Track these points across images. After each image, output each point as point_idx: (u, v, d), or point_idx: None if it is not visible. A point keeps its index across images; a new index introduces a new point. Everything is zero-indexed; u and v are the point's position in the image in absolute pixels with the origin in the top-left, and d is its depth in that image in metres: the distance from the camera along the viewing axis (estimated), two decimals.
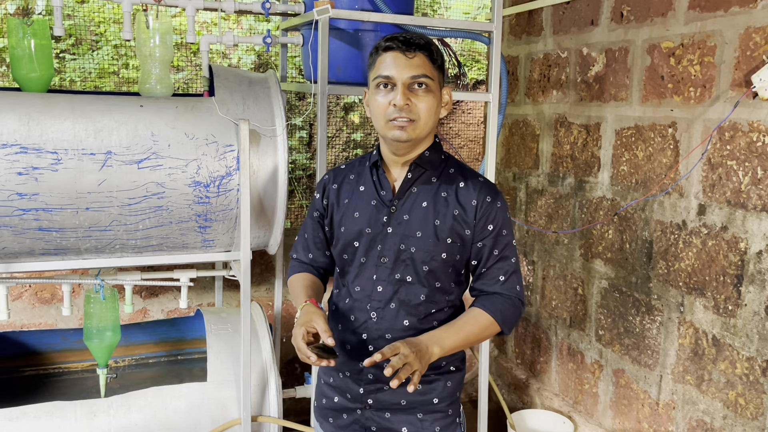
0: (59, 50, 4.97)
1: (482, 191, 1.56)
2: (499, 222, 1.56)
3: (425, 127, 1.52)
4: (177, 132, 2.19)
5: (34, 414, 2.21)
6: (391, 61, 1.49)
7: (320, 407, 1.70)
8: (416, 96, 1.49)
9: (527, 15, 3.55)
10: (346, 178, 1.66)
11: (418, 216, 1.54)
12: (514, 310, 1.57)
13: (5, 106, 2.05)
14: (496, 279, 1.57)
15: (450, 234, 1.54)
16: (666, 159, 2.66)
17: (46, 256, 2.21)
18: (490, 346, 4.05)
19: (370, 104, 1.55)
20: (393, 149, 1.56)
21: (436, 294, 1.56)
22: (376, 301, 1.56)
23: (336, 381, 1.64)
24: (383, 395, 1.58)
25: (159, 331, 2.92)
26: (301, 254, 1.74)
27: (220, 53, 5.48)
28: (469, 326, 1.52)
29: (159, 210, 2.19)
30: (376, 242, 1.56)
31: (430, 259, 1.54)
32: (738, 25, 2.33)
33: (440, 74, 1.55)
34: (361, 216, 1.59)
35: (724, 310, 2.43)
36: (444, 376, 1.61)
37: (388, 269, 1.55)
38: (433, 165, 1.58)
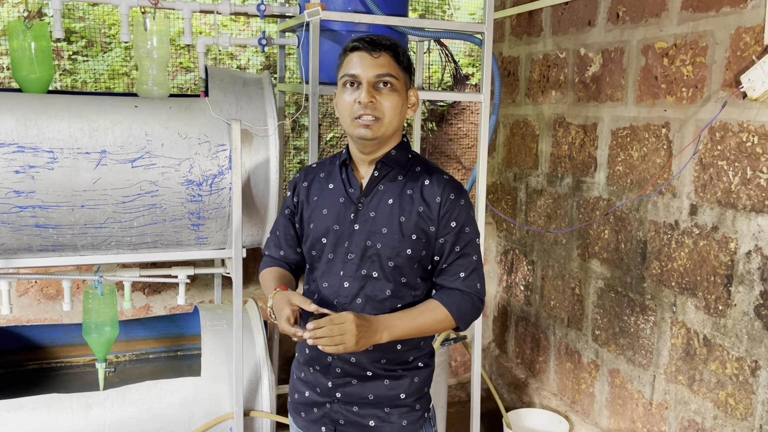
0: (71, 52, 5.08)
1: (446, 188, 1.58)
2: (461, 219, 1.59)
3: (390, 125, 1.55)
4: (170, 132, 2.24)
5: (32, 405, 2.27)
6: (357, 60, 1.53)
7: (293, 402, 1.74)
8: (381, 94, 1.53)
9: (528, 16, 3.56)
10: (317, 176, 1.70)
11: (384, 213, 1.58)
12: (471, 306, 1.60)
13: (4, 106, 2.12)
14: (457, 275, 1.60)
15: (415, 230, 1.57)
16: (660, 159, 2.67)
17: (44, 252, 2.27)
18: (492, 346, 4.07)
19: (338, 102, 1.59)
20: (360, 148, 1.60)
21: (401, 289, 1.59)
22: (343, 296, 1.59)
23: (307, 376, 1.68)
24: (351, 389, 1.61)
25: (159, 327, 2.98)
26: (273, 251, 1.78)
27: (228, 55, 5.55)
28: (423, 317, 1.55)
29: (153, 208, 2.25)
30: (343, 239, 1.60)
31: (396, 255, 1.57)
32: (729, 25, 2.32)
33: (406, 75, 1.59)
34: (329, 213, 1.63)
35: (715, 310, 2.43)
36: (411, 372, 1.63)
37: (354, 265, 1.58)
38: (399, 163, 1.61)
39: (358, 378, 1.61)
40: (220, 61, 5.57)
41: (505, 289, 3.93)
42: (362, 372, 1.61)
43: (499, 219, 3.95)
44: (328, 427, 1.64)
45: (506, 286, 3.91)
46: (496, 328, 4.06)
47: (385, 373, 1.61)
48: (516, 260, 3.80)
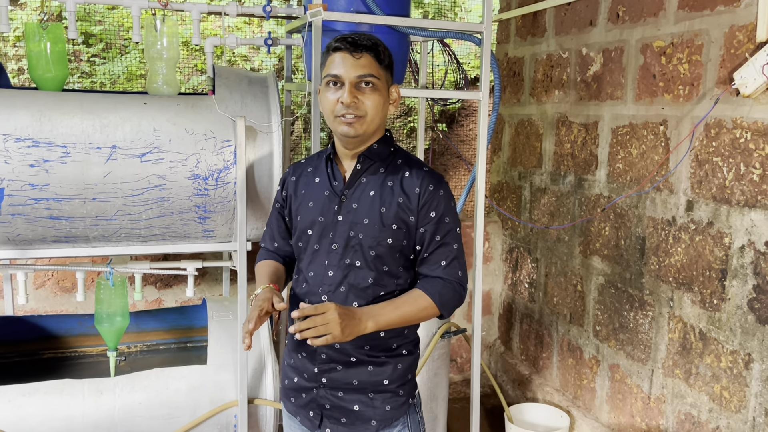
0: (90, 54, 5.23)
1: (425, 180, 1.64)
2: (441, 209, 1.64)
3: (372, 123, 1.62)
4: (178, 128, 2.33)
5: (45, 390, 2.37)
6: (339, 60, 1.59)
7: (283, 388, 1.81)
8: (363, 94, 1.59)
9: (532, 16, 3.61)
10: (304, 171, 1.78)
11: (366, 204, 1.64)
12: (453, 294, 1.65)
13: (20, 103, 2.23)
14: (438, 264, 1.65)
15: (395, 220, 1.63)
16: (658, 156, 2.71)
17: (58, 243, 2.37)
18: (497, 343, 4.12)
19: (321, 101, 1.65)
20: (343, 144, 1.67)
21: (383, 278, 1.65)
22: (327, 285, 1.65)
23: (295, 362, 1.74)
24: (336, 375, 1.67)
25: (169, 319, 3.07)
26: (268, 243, 1.86)
27: (242, 57, 5.67)
28: (407, 306, 1.60)
29: (161, 201, 2.34)
30: (328, 230, 1.67)
31: (377, 244, 1.63)
32: (723, 23, 2.37)
33: (387, 73, 1.65)
34: (315, 205, 1.70)
35: (710, 304, 2.46)
36: (395, 359, 1.69)
37: (338, 255, 1.65)
38: (381, 157, 1.68)
39: (343, 364, 1.67)
40: (234, 63, 5.69)
41: (510, 287, 3.97)
42: (346, 358, 1.66)
43: (505, 217, 4.00)
44: (315, 411, 1.70)
45: (511, 283, 3.96)
46: (501, 325, 4.11)
47: (368, 359, 1.67)
48: (521, 258, 3.84)
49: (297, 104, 4.69)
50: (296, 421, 1.76)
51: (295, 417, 1.76)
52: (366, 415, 1.67)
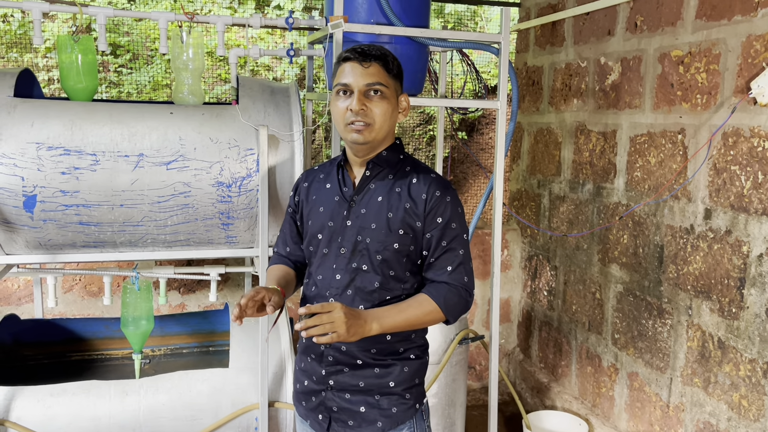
0: (117, 65, 5.36)
1: (432, 186, 1.68)
2: (447, 215, 1.67)
3: (380, 130, 1.66)
4: (203, 137, 2.40)
5: (73, 391, 2.44)
6: (349, 70, 1.64)
7: (295, 392, 1.84)
8: (371, 102, 1.64)
9: (551, 26, 3.64)
10: (316, 177, 1.83)
11: (374, 209, 1.68)
12: (459, 299, 1.67)
13: (53, 113, 2.31)
14: (444, 269, 1.67)
15: (402, 225, 1.66)
16: (676, 165, 2.72)
17: (86, 248, 2.45)
18: (516, 351, 4.13)
19: (332, 109, 1.70)
20: (353, 151, 1.72)
21: (390, 282, 1.68)
22: (335, 288, 1.69)
23: (305, 365, 1.78)
24: (343, 377, 1.70)
25: (192, 323, 3.14)
26: (280, 248, 1.91)
27: (265, 67, 5.76)
28: (412, 309, 1.63)
29: (185, 207, 2.41)
30: (336, 234, 1.71)
31: (383, 248, 1.66)
32: (740, 33, 2.38)
33: (396, 82, 1.70)
34: (325, 210, 1.74)
35: (728, 312, 2.46)
36: (401, 362, 1.71)
37: (346, 259, 1.69)
38: (389, 164, 1.72)
39: (350, 366, 1.70)
40: (257, 73, 5.79)
41: (529, 295, 3.99)
42: (353, 360, 1.69)
43: (524, 225, 4.02)
44: (324, 414, 1.73)
45: (530, 291, 3.98)
46: (520, 333, 4.12)
47: (374, 361, 1.69)
48: (540, 266, 3.86)
49: (318, 113, 4.76)
50: (307, 425, 1.79)
51: (306, 420, 1.79)
52: (371, 417, 1.69)
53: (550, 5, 3.65)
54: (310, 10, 5.62)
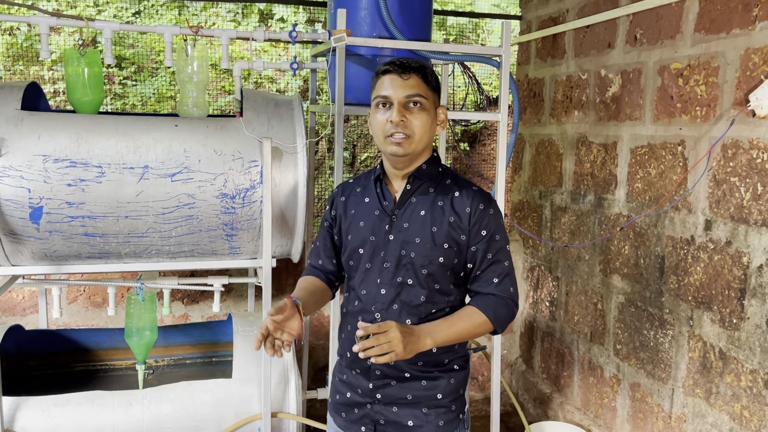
0: (122, 77, 5.41)
1: (475, 199, 1.68)
2: (491, 227, 1.68)
3: (420, 142, 1.66)
4: (207, 149, 2.43)
5: (77, 401, 2.46)
6: (388, 82, 1.65)
7: (334, 403, 1.85)
8: (411, 113, 1.64)
9: (552, 39, 3.67)
10: (353, 191, 1.82)
11: (417, 224, 1.68)
12: (507, 310, 1.69)
13: (59, 125, 2.34)
14: (490, 281, 1.69)
15: (446, 239, 1.67)
16: (676, 176, 2.74)
17: (92, 259, 2.47)
18: (518, 361, 4.13)
19: (371, 122, 1.71)
20: (393, 163, 1.72)
21: (435, 295, 1.69)
22: (380, 302, 1.70)
23: (349, 378, 1.78)
24: (391, 390, 1.71)
25: (195, 334, 3.15)
26: (313, 259, 1.92)
27: (268, 79, 5.81)
28: (462, 322, 1.64)
29: (190, 219, 2.43)
30: (379, 249, 1.71)
31: (429, 263, 1.67)
32: (739, 46, 2.40)
33: (435, 94, 1.70)
34: (365, 225, 1.74)
35: (729, 323, 2.47)
36: (447, 374, 1.72)
37: (390, 273, 1.69)
38: (430, 177, 1.72)
39: (397, 379, 1.71)
40: (260, 85, 5.84)
41: (532, 305, 3.99)
42: (401, 374, 1.70)
43: (526, 236, 4.03)
44: (368, 426, 1.74)
45: (533, 302, 3.98)
46: (522, 343, 4.12)
47: (422, 374, 1.71)
48: (542, 276, 3.87)
49: (321, 125, 4.80)
50: None
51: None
52: (419, 429, 1.70)
53: (551, 18, 3.68)
54: (313, 23, 5.67)
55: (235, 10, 5.91)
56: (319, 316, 3.75)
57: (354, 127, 5.74)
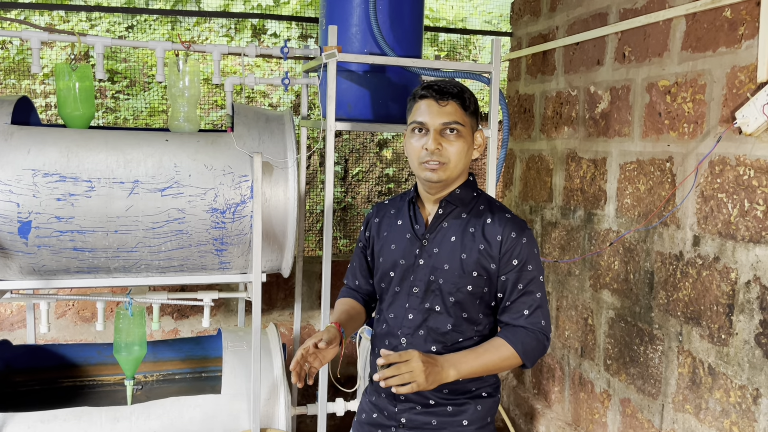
0: (114, 91, 5.41)
1: (507, 227, 1.64)
2: (523, 257, 1.63)
3: (455, 169, 1.64)
4: (197, 163, 2.43)
5: (64, 417, 2.44)
6: (425, 108, 1.62)
7: (359, 422, 1.83)
8: (447, 141, 1.62)
9: (542, 55, 3.71)
10: (387, 212, 1.81)
11: (447, 249, 1.65)
12: (537, 344, 1.63)
13: (49, 140, 2.34)
14: (521, 313, 1.63)
15: (476, 267, 1.63)
16: (665, 192, 2.76)
17: (80, 273, 2.46)
18: (509, 377, 4.13)
19: (406, 146, 1.69)
20: (426, 188, 1.70)
21: (462, 324, 1.65)
22: (407, 327, 1.68)
23: (377, 399, 1.77)
24: (415, 415, 1.69)
25: (185, 349, 3.14)
26: (350, 280, 1.90)
27: (261, 93, 5.83)
28: (489, 354, 1.59)
29: (180, 234, 2.43)
30: (409, 273, 1.69)
31: (456, 290, 1.63)
32: (725, 64, 2.43)
33: (472, 119, 1.67)
34: (397, 248, 1.72)
35: (718, 339, 2.48)
36: (475, 401, 1.69)
37: (418, 299, 1.67)
38: (463, 202, 1.69)
39: (422, 405, 1.68)
40: (253, 99, 5.85)
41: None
42: (426, 400, 1.68)
43: None
44: None
45: None
46: None
47: (446, 401, 1.68)
48: None
49: (314, 140, 4.81)
50: None
51: None
52: None
53: (540, 35, 3.72)
54: (306, 39, 5.71)
55: (228, 25, 5.94)
56: (310, 331, 3.74)
57: (346, 142, 5.76)
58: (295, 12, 5.88)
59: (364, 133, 5.69)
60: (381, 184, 5.95)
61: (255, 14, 5.18)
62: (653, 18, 2.75)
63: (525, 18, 3.91)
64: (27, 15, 5.19)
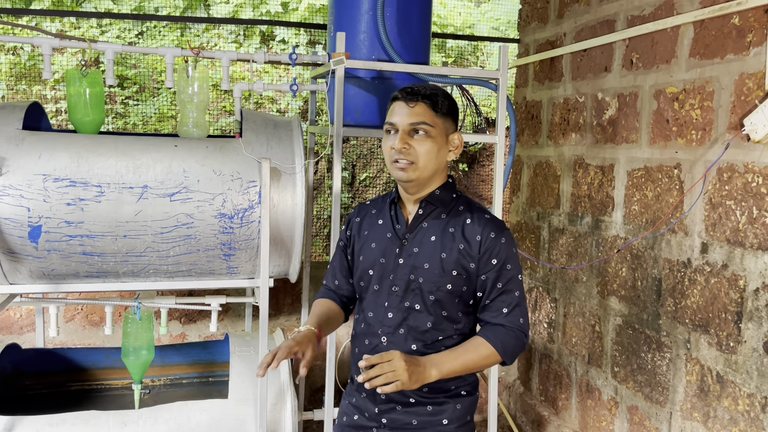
0: (123, 97, 5.45)
1: (487, 227, 1.67)
2: (503, 257, 1.66)
3: (425, 169, 1.67)
4: (206, 169, 2.45)
5: (72, 421, 2.45)
6: (397, 109, 1.68)
7: (340, 424, 1.84)
8: (415, 141, 1.66)
9: (549, 62, 3.71)
10: (369, 212, 1.84)
11: (427, 249, 1.68)
12: (516, 341, 1.66)
13: (59, 145, 2.36)
14: (500, 311, 1.67)
15: (455, 267, 1.66)
16: (672, 199, 2.75)
17: (89, 278, 2.48)
18: (516, 383, 4.12)
19: (382, 147, 1.74)
20: (404, 188, 1.73)
21: (443, 322, 1.68)
22: (387, 326, 1.70)
23: (357, 401, 1.78)
24: (396, 415, 1.71)
25: (192, 353, 3.15)
26: (329, 281, 1.91)
27: (269, 99, 5.85)
28: (469, 354, 1.62)
29: (188, 238, 2.44)
30: (388, 272, 1.71)
31: (436, 289, 1.66)
32: (733, 71, 2.43)
33: (445, 121, 1.70)
34: (377, 247, 1.75)
35: (726, 346, 2.47)
36: (454, 399, 1.71)
37: (398, 297, 1.69)
38: (443, 203, 1.72)
39: (402, 404, 1.70)
40: (261, 105, 5.88)
41: (530, 327, 3.99)
42: (406, 399, 1.70)
43: (523, 257, 4.04)
44: None
45: (531, 323, 3.98)
46: (520, 365, 4.11)
47: (426, 399, 1.70)
48: (539, 298, 3.87)
49: (321, 145, 4.83)
50: None
51: None
52: None
53: (548, 42, 3.73)
54: (314, 45, 5.73)
55: (236, 31, 5.97)
56: None
57: (354, 148, 5.78)
58: (303, 18, 5.91)
59: (371, 139, 5.70)
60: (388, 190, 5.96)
61: (264, 21, 5.21)
62: (661, 25, 2.76)
63: (533, 25, 3.92)
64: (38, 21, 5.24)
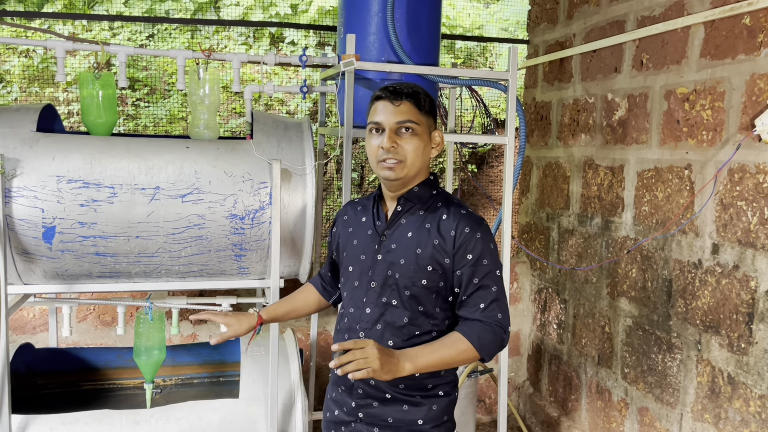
0: (134, 98, 5.49)
1: (461, 222, 1.68)
2: (478, 252, 1.67)
3: (412, 167, 1.70)
4: (217, 170, 2.46)
5: (85, 420, 2.47)
6: (381, 108, 1.69)
7: (325, 420, 1.87)
8: (402, 139, 1.68)
9: (559, 63, 3.71)
10: (355, 210, 1.88)
11: (404, 245, 1.71)
12: (494, 337, 1.65)
13: (73, 147, 2.39)
14: (477, 306, 1.67)
15: (430, 262, 1.68)
16: (683, 200, 2.75)
17: (102, 278, 2.50)
18: (526, 384, 4.11)
19: (366, 147, 1.76)
20: (387, 186, 1.76)
21: (419, 318, 1.70)
22: (365, 321, 1.73)
23: (336, 395, 1.81)
24: (372, 410, 1.73)
25: (203, 353, 3.16)
26: (324, 269, 2.02)
27: (278, 101, 5.88)
28: (445, 349, 1.62)
29: (199, 239, 2.46)
30: (368, 268, 1.75)
31: (412, 284, 1.68)
32: (744, 72, 2.43)
33: (429, 118, 1.73)
34: (359, 243, 1.79)
35: (737, 348, 2.46)
36: (429, 400, 1.72)
37: (376, 293, 1.72)
38: (421, 199, 1.75)
39: (379, 400, 1.72)
40: (271, 107, 5.91)
41: (539, 328, 3.98)
42: (382, 394, 1.71)
43: (533, 258, 4.03)
44: None
45: (540, 324, 3.98)
46: (530, 366, 4.11)
47: (403, 397, 1.71)
48: (549, 299, 3.87)
49: (331, 147, 4.84)
50: None
51: None
52: None
53: (557, 42, 3.73)
54: (324, 46, 5.75)
55: (246, 33, 6.00)
56: (326, 337, 3.75)
57: (363, 149, 5.79)
58: (313, 20, 5.93)
59: None
60: None
61: (274, 23, 5.23)
62: (671, 25, 2.75)
63: (542, 25, 3.92)
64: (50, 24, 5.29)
